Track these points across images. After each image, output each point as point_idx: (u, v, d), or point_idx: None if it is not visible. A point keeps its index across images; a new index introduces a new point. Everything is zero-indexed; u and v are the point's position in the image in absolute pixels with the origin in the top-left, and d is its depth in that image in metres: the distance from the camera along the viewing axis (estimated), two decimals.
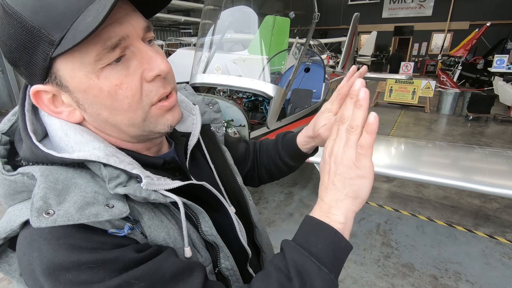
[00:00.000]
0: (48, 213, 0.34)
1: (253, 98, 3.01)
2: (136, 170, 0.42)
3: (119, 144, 0.47)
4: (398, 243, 2.63)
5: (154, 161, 0.49)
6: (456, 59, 9.14)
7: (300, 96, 3.39)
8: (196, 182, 0.49)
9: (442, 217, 3.01)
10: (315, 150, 0.72)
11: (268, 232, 0.72)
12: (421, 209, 3.16)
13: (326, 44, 10.96)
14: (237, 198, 0.64)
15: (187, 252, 0.46)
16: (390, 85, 7.54)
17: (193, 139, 0.58)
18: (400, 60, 10.90)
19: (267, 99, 2.72)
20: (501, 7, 12.58)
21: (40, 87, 0.40)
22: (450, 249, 2.55)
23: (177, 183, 0.45)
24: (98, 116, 0.43)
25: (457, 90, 7.26)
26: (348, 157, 0.43)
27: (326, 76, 3.89)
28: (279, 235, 2.70)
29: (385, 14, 15.57)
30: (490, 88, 7.83)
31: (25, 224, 0.38)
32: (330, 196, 0.45)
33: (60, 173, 0.39)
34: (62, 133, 0.43)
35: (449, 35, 14.23)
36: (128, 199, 0.42)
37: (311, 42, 8.06)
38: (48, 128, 0.44)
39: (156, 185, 0.43)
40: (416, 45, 15.40)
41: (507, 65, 7.56)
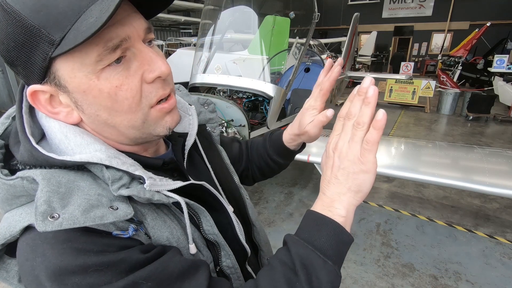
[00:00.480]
0: (53, 217, 0.34)
1: (253, 98, 3.01)
2: (138, 172, 0.42)
3: (116, 147, 0.47)
4: (398, 243, 2.63)
5: (153, 162, 0.49)
6: (456, 59, 9.15)
7: (300, 96, 3.39)
8: (197, 182, 0.50)
9: (442, 217, 3.01)
10: (303, 146, 0.74)
11: (268, 232, 0.72)
12: (421, 209, 3.16)
13: (326, 44, 10.94)
14: (235, 197, 0.65)
15: (192, 249, 0.47)
16: (390, 85, 7.54)
17: (190, 139, 0.58)
18: (402, 60, 10.89)
19: (267, 99, 2.72)
20: (501, 7, 12.57)
21: (38, 87, 0.40)
22: (450, 249, 2.55)
23: (179, 184, 0.46)
24: (97, 118, 0.42)
25: (457, 90, 7.26)
26: (354, 152, 0.44)
27: None
28: (279, 235, 2.70)
29: (385, 14, 15.56)
30: (490, 88, 7.83)
31: (25, 229, 0.38)
32: (332, 190, 0.46)
33: (62, 176, 0.39)
34: (62, 135, 0.42)
35: (449, 35, 14.23)
36: (131, 201, 0.42)
37: (311, 42, 8.06)
38: (46, 131, 0.43)
39: (159, 185, 0.43)
40: (416, 45, 15.39)
41: (507, 65, 7.55)
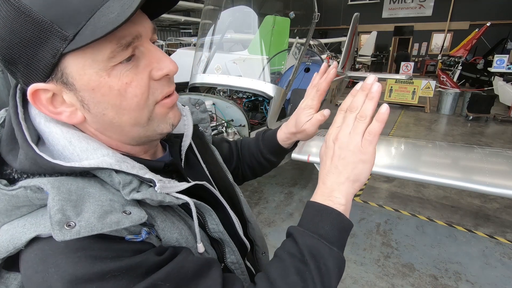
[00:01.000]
0: (69, 225, 0.33)
1: (253, 98, 3.01)
2: (148, 175, 0.42)
3: (119, 147, 0.47)
4: (398, 243, 2.63)
5: (155, 164, 0.49)
6: (456, 59, 9.15)
7: (300, 96, 3.38)
8: (200, 182, 0.50)
9: (442, 217, 3.01)
10: (295, 145, 0.76)
11: (268, 232, 0.72)
12: (421, 209, 3.16)
13: (326, 44, 10.96)
14: (230, 195, 0.66)
15: (200, 248, 0.48)
16: (390, 85, 7.54)
17: (187, 140, 0.59)
18: (406, 59, 10.88)
19: (267, 99, 2.72)
20: (501, 7, 12.57)
21: (41, 86, 0.38)
22: (450, 249, 2.55)
23: (186, 185, 0.47)
24: (103, 117, 0.42)
25: (457, 90, 7.26)
26: (355, 143, 0.47)
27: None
28: (279, 235, 2.70)
29: (385, 14, 15.57)
30: (490, 88, 7.83)
31: (32, 241, 0.36)
32: (331, 179, 0.48)
33: (70, 183, 0.38)
34: (66, 141, 0.41)
35: (449, 35, 14.23)
36: (140, 204, 0.42)
37: (311, 42, 8.06)
38: (46, 137, 0.42)
39: (168, 188, 0.43)
40: (416, 45, 15.40)
41: (507, 65, 7.55)
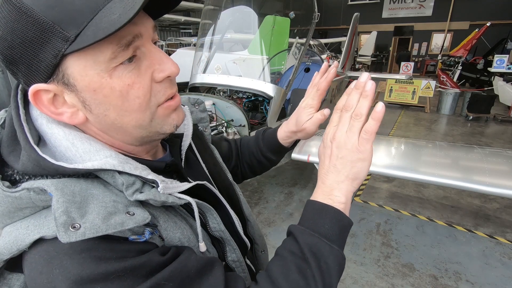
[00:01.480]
0: (74, 227, 0.33)
1: (253, 98, 3.01)
2: (151, 176, 0.43)
3: (121, 147, 0.47)
4: (398, 243, 2.63)
5: (156, 165, 0.49)
6: (456, 59, 9.14)
7: (300, 96, 3.37)
8: (201, 182, 0.51)
9: (442, 217, 3.01)
10: (295, 144, 0.77)
11: (268, 232, 0.73)
12: (421, 209, 3.16)
13: (326, 44, 10.95)
14: (229, 194, 0.66)
15: (202, 247, 0.48)
16: (390, 85, 7.54)
17: (187, 140, 0.59)
18: (408, 59, 10.87)
19: (267, 99, 2.72)
20: (501, 7, 12.57)
21: (42, 86, 0.38)
22: (450, 249, 2.55)
23: (188, 185, 0.47)
24: (104, 118, 0.42)
25: (457, 90, 7.26)
26: (352, 141, 0.47)
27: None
28: (279, 235, 2.70)
29: (385, 14, 15.57)
30: (490, 88, 7.83)
31: (35, 242, 0.36)
32: (331, 178, 0.49)
33: (74, 185, 0.38)
34: (68, 143, 0.41)
35: (449, 35, 14.23)
36: (143, 205, 0.42)
37: (311, 42, 8.06)
38: (48, 138, 0.41)
39: (171, 188, 0.44)
40: (416, 45, 15.39)
41: (507, 65, 7.55)
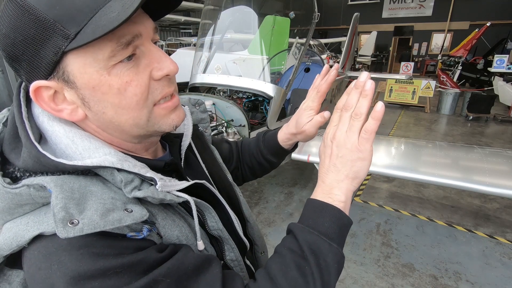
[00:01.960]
0: (72, 223, 0.34)
1: (253, 98, 3.01)
2: (149, 173, 0.43)
3: (120, 144, 0.47)
4: (398, 243, 2.63)
5: (156, 164, 0.50)
6: (456, 59, 9.15)
7: (300, 96, 3.39)
8: (199, 181, 0.51)
9: (442, 217, 3.01)
10: (295, 146, 0.77)
11: (268, 232, 0.72)
12: (421, 209, 3.16)
13: (326, 44, 10.96)
14: (229, 195, 0.66)
15: (200, 246, 0.48)
16: (390, 85, 7.54)
17: (186, 140, 0.60)
18: (409, 59, 10.87)
19: (267, 99, 2.72)
20: (501, 7, 12.58)
21: (43, 83, 0.39)
22: (450, 249, 2.55)
23: (186, 183, 0.48)
24: (103, 115, 0.42)
25: (457, 90, 7.26)
26: (352, 141, 0.47)
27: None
28: (279, 235, 2.69)
29: (385, 14, 15.57)
30: (490, 88, 7.84)
31: (35, 238, 0.37)
32: (331, 177, 0.49)
33: (73, 182, 0.38)
34: (68, 140, 0.41)
35: (449, 35, 14.23)
36: (141, 202, 0.42)
37: (311, 42, 8.06)
38: (49, 135, 0.42)
39: (169, 186, 0.44)
40: (416, 45, 15.40)
41: (507, 65, 7.56)
